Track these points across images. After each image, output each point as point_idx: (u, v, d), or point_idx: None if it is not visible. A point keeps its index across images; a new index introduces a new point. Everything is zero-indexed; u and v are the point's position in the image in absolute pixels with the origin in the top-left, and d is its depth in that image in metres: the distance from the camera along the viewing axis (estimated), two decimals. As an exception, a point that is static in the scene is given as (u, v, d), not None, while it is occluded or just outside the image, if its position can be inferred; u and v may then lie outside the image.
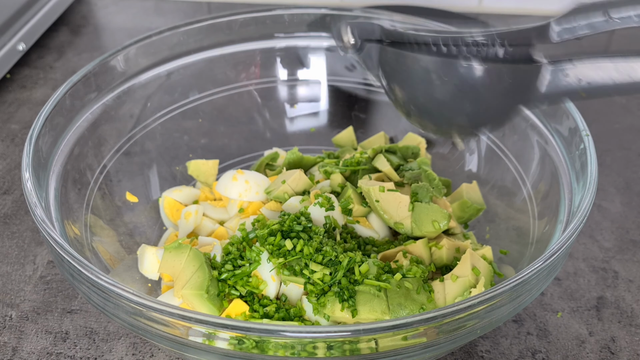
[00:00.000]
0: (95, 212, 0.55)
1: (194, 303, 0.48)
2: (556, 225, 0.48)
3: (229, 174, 0.60)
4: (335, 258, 0.49)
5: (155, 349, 0.52)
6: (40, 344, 0.53)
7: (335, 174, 0.59)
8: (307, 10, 0.65)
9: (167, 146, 0.66)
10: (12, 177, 0.71)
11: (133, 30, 1.03)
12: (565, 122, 0.51)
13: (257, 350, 0.36)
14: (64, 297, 0.57)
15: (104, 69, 0.57)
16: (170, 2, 1.11)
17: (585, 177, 0.45)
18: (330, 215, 0.54)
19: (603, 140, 0.78)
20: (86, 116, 0.56)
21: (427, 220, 0.53)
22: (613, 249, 0.63)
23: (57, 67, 0.92)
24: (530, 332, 0.54)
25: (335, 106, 0.72)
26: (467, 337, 0.39)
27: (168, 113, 0.64)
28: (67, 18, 1.06)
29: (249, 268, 0.50)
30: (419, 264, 0.50)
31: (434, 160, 0.65)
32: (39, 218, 0.42)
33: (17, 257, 0.61)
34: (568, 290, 0.58)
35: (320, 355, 0.37)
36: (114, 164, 0.59)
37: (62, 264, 0.41)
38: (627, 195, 0.69)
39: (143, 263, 0.53)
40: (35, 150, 0.47)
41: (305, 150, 0.69)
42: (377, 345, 0.37)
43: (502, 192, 0.60)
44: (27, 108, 0.83)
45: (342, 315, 0.47)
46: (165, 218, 0.61)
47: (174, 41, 0.62)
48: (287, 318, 0.48)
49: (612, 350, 0.53)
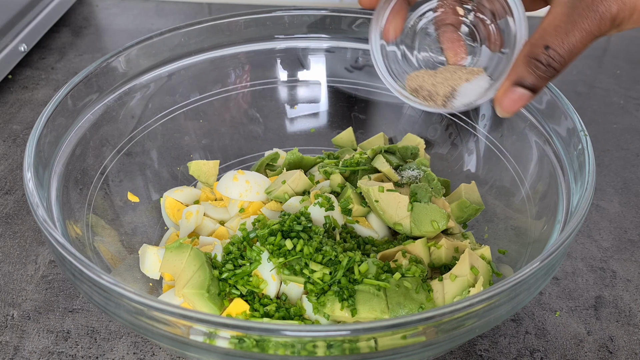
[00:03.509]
0: (96, 212, 0.55)
1: (195, 302, 0.48)
2: (554, 225, 0.48)
3: (230, 174, 0.60)
4: (335, 258, 0.49)
5: (157, 348, 0.53)
6: (42, 343, 0.53)
7: (335, 174, 0.59)
8: (307, 11, 0.66)
9: (168, 146, 0.66)
10: (14, 177, 0.71)
11: (134, 32, 1.03)
12: (564, 122, 0.51)
13: (257, 349, 0.36)
14: (66, 296, 0.57)
15: (106, 70, 0.57)
16: (171, 4, 1.12)
17: (584, 177, 0.46)
18: (330, 215, 0.54)
19: (601, 141, 0.78)
20: (88, 117, 0.56)
21: (426, 220, 0.53)
22: (611, 248, 0.63)
23: (58, 68, 0.93)
24: (528, 331, 0.54)
25: (335, 107, 0.72)
26: (466, 336, 0.39)
27: (169, 114, 0.65)
28: (69, 19, 1.06)
29: (249, 267, 0.50)
30: (418, 263, 0.51)
31: (432, 161, 0.65)
32: (41, 218, 0.42)
33: (18, 257, 0.61)
34: (566, 289, 0.58)
35: (320, 354, 0.37)
36: (115, 164, 0.59)
37: (64, 263, 0.41)
38: (625, 195, 0.70)
39: (144, 262, 0.54)
40: (37, 150, 0.47)
41: (305, 150, 0.69)
42: (377, 344, 0.37)
43: (501, 192, 0.60)
44: (29, 109, 0.83)
45: (342, 315, 0.47)
46: (166, 218, 0.61)
47: (175, 42, 0.63)
48: (287, 317, 0.49)
49: (610, 350, 0.53)
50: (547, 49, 0.35)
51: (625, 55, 0.97)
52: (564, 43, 0.35)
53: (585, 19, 0.34)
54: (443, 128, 0.66)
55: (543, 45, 0.35)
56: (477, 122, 0.62)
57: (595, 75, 0.92)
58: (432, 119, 0.67)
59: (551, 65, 0.35)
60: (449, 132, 0.66)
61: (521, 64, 0.37)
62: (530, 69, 0.36)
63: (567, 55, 0.35)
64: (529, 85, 0.37)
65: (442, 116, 0.66)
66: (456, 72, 0.44)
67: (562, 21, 0.35)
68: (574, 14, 0.34)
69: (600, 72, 0.93)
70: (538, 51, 0.35)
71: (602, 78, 0.92)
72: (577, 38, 0.35)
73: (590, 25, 0.34)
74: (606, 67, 0.95)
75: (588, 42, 0.35)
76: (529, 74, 0.36)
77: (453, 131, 0.65)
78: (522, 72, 0.37)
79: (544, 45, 0.35)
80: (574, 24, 0.34)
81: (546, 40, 0.35)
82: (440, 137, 0.67)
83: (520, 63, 0.37)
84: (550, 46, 0.35)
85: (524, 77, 0.37)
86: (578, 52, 0.36)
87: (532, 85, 0.37)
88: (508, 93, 0.38)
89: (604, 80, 0.91)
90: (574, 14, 0.34)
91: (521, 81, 0.37)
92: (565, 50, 0.35)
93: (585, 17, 0.34)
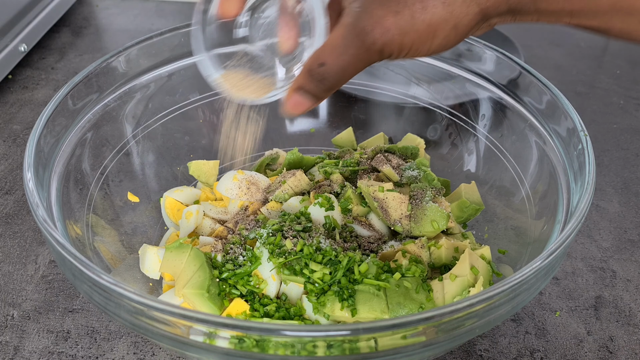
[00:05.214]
0: (96, 212, 0.55)
1: (195, 302, 0.48)
2: (554, 225, 0.48)
3: (230, 174, 0.60)
4: (334, 258, 0.49)
5: (157, 348, 0.53)
6: (42, 343, 0.53)
7: (335, 174, 0.59)
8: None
9: (168, 147, 0.66)
10: (14, 177, 0.71)
11: (134, 32, 1.03)
12: (564, 122, 0.51)
13: (257, 349, 0.36)
14: (66, 296, 0.57)
15: (106, 70, 0.57)
16: (171, 4, 1.12)
17: (584, 177, 0.46)
18: (330, 215, 0.54)
19: (601, 141, 0.78)
20: (88, 117, 0.56)
21: (426, 220, 0.53)
22: (611, 248, 0.63)
23: (58, 68, 0.93)
24: (528, 331, 0.54)
25: (335, 107, 0.72)
26: (466, 336, 0.39)
27: (169, 114, 0.65)
28: (69, 19, 1.06)
29: (249, 267, 0.50)
30: (418, 263, 0.51)
31: (432, 161, 0.65)
32: (41, 218, 0.42)
33: (19, 257, 0.61)
34: (566, 289, 0.58)
35: (320, 354, 0.37)
36: (115, 164, 0.59)
37: (64, 263, 0.41)
38: (625, 195, 0.70)
39: (144, 262, 0.54)
40: (37, 150, 0.47)
41: (305, 150, 0.69)
42: (377, 344, 0.37)
43: (501, 192, 0.60)
44: (29, 109, 0.83)
45: (342, 315, 0.47)
46: (166, 218, 0.61)
47: (175, 42, 0.63)
48: (287, 317, 0.49)
49: (610, 350, 0.53)
50: (322, 66, 0.37)
51: (625, 55, 0.97)
52: (336, 62, 0.37)
53: (354, 46, 0.36)
54: (443, 128, 0.66)
55: (320, 61, 0.38)
56: (477, 122, 0.63)
57: (595, 75, 0.92)
58: (432, 119, 0.67)
59: (326, 79, 0.38)
60: (449, 132, 0.66)
61: (303, 73, 0.39)
62: (308, 80, 0.39)
63: (339, 74, 0.38)
64: (309, 93, 0.40)
65: (442, 116, 0.66)
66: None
67: (339, 42, 0.37)
68: (348, 37, 0.36)
69: (600, 72, 0.93)
70: (314, 65, 0.38)
71: (602, 78, 0.92)
72: (348, 61, 0.37)
73: (359, 52, 0.36)
74: (606, 67, 0.95)
75: (359, 66, 0.37)
76: (308, 83, 0.39)
77: (453, 131, 0.65)
78: (302, 81, 0.39)
79: (321, 62, 0.37)
80: (347, 48, 0.37)
81: (324, 57, 0.37)
82: (440, 137, 0.67)
83: (303, 72, 0.39)
84: (325, 63, 0.37)
85: (304, 85, 0.39)
86: (350, 74, 0.38)
87: (311, 94, 0.40)
88: (292, 96, 0.40)
89: (604, 80, 0.91)
90: (347, 38, 0.36)
91: (301, 88, 0.40)
92: (337, 69, 0.37)
93: (355, 44, 0.36)
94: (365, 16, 0.36)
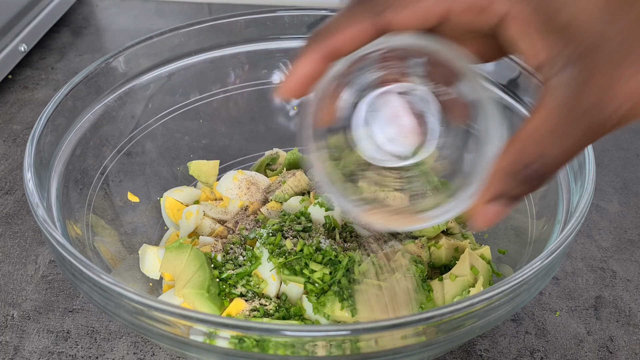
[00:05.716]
0: (96, 212, 0.55)
1: (195, 302, 0.48)
2: (554, 225, 0.48)
3: (230, 174, 0.60)
4: (334, 258, 0.49)
5: (157, 348, 0.53)
6: (42, 343, 0.53)
7: (335, 174, 0.59)
8: (307, 11, 0.66)
9: (168, 146, 0.66)
10: (13, 177, 0.71)
11: (134, 32, 1.03)
12: (564, 122, 0.51)
13: (257, 349, 0.37)
14: (66, 296, 0.57)
15: (106, 70, 0.57)
16: (171, 4, 1.12)
17: (583, 177, 0.46)
18: (330, 215, 0.54)
19: (601, 140, 0.78)
20: (88, 117, 0.56)
21: (426, 220, 0.53)
22: (611, 248, 0.63)
23: (58, 68, 0.93)
24: (528, 331, 0.54)
25: (335, 107, 0.72)
26: (465, 336, 0.39)
27: (169, 114, 0.65)
28: (69, 19, 1.06)
29: (249, 267, 0.50)
30: (418, 263, 0.51)
31: (433, 161, 0.65)
32: (41, 218, 0.42)
33: (18, 257, 0.61)
34: (566, 289, 0.58)
35: (320, 354, 0.37)
36: (115, 164, 0.59)
37: (64, 263, 0.41)
38: (625, 195, 0.70)
39: (144, 262, 0.54)
40: (37, 150, 0.47)
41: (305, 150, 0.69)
42: (377, 344, 0.37)
43: (501, 192, 0.60)
44: (29, 109, 0.83)
45: (342, 315, 0.47)
46: (166, 218, 0.61)
47: (175, 42, 0.63)
48: (287, 317, 0.49)
49: (611, 350, 0.53)
50: (537, 162, 0.29)
51: (625, 55, 0.97)
52: (556, 153, 0.29)
53: (581, 127, 0.28)
54: (443, 128, 0.66)
55: (527, 161, 0.29)
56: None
57: (595, 75, 0.92)
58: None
59: (543, 175, 0.29)
60: (449, 132, 0.66)
61: (500, 178, 0.30)
62: (512, 184, 0.30)
63: (559, 164, 0.29)
64: (513, 198, 0.31)
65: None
66: None
67: (552, 128, 0.28)
68: (569, 120, 0.28)
69: (600, 72, 0.93)
70: (520, 166, 0.29)
71: (602, 78, 0.92)
72: (571, 148, 0.29)
73: (587, 132, 0.28)
74: (606, 67, 0.95)
75: (586, 146, 0.29)
76: (513, 188, 0.30)
77: (453, 131, 0.65)
78: (502, 188, 0.30)
79: (529, 161, 0.29)
80: (568, 134, 0.28)
81: (534, 151, 0.29)
82: (440, 137, 0.67)
83: (500, 177, 0.30)
84: (543, 156, 0.29)
85: (507, 191, 0.30)
86: (572, 159, 0.30)
87: (517, 197, 0.31)
88: (486, 209, 0.31)
89: (604, 80, 0.91)
90: (568, 121, 0.28)
91: (503, 196, 0.31)
92: (559, 159, 0.29)
93: (582, 125, 0.28)
94: (594, 85, 0.27)
